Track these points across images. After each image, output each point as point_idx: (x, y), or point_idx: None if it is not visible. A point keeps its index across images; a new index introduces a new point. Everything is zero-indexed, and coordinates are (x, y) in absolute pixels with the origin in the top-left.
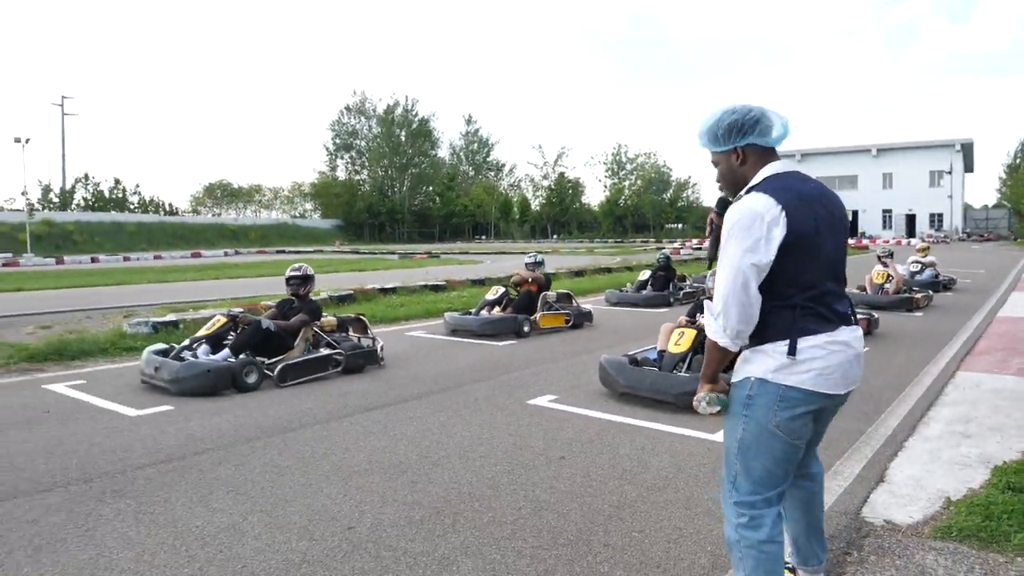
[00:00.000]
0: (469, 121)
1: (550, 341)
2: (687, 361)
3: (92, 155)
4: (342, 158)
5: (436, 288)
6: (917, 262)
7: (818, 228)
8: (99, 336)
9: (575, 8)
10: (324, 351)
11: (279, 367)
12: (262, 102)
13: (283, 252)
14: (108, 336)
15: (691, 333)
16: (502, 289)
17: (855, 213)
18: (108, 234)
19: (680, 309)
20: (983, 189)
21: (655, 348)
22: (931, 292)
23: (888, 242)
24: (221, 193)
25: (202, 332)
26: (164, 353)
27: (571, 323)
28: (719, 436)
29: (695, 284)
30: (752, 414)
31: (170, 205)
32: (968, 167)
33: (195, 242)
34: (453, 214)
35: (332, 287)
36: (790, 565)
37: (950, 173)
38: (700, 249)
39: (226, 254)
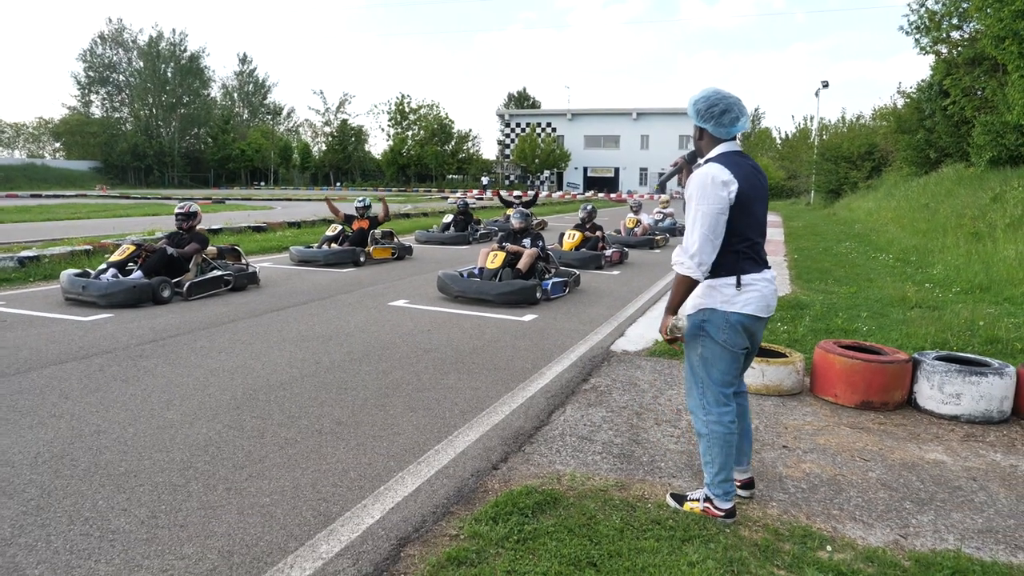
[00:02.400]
0: (244, 60)
1: (383, 268)
2: (498, 274)
3: None
4: (97, 93)
5: (258, 229)
6: (660, 212)
7: (753, 195)
8: None
9: None
10: (218, 272)
11: (186, 284)
12: None
13: (39, 196)
14: None
15: (501, 255)
16: (339, 227)
17: (617, 170)
18: None
19: (477, 246)
20: None
21: (472, 267)
22: (668, 236)
23: (641, 196)
24: None
25: (114, 258)
26: (84, 275)
27: (396, 255)
28: (525, 317)
29: (489, 226)
30: (708, 335)
31: None
32: None
33: None
34: (229, 159)
35: (143, 231)
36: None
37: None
38: (480, 199)
39: None
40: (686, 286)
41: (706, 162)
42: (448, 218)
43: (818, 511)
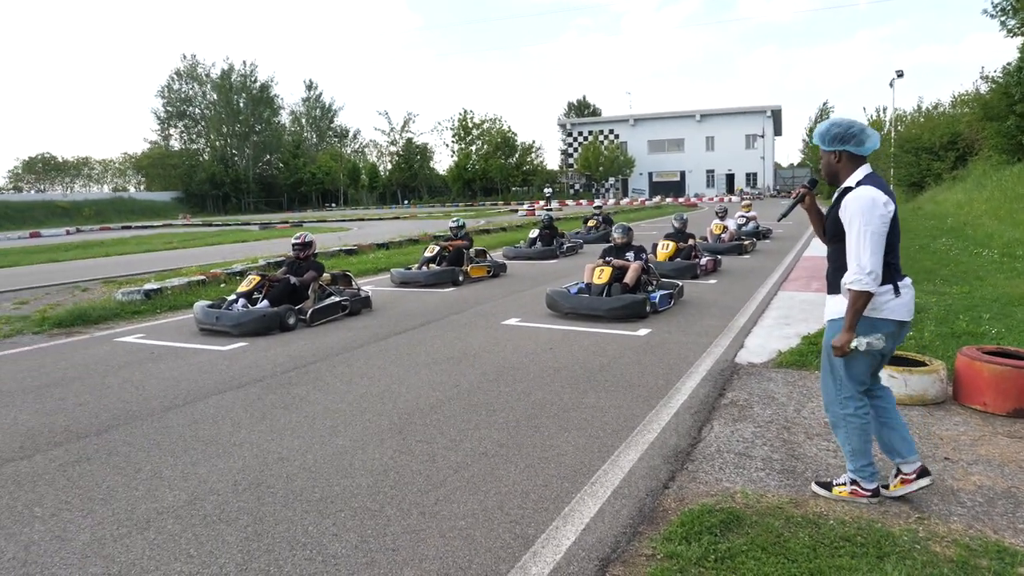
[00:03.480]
0: (310, 87)
1: (482, 287)
2: (604, 289)
3: None
4: (175, 126)
5: (350, 252)
6: (743, 216)
7: (896, 213)
8: (108, 303)
9: None
10: (335, 298)
11: (309, 312)
12: (78, 67)
13: (129, 227)
14: (112, 304)
15: (608, 270)
16: (436, 248)
17: (683, 174)
18: None
19: (565, 260)
20: (789, 150)
21: (578, 283)
22: (755, 240)
23: (723, 200)
24: (44, 167)
25: (242, 288)
26: (215, 306)
27: (492, 273)
28: (639, 332)
29: (573, 239)
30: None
31: None
32: (777, 131)
33: (21, 221)
34: (300, 182)
35: (242, 258)
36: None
37: (763, 136)
38: (550, 210)
39: (68, 232)
40: (864, 301)
41: (857, 184)
42: (534, 233)
43: (1004, 525)
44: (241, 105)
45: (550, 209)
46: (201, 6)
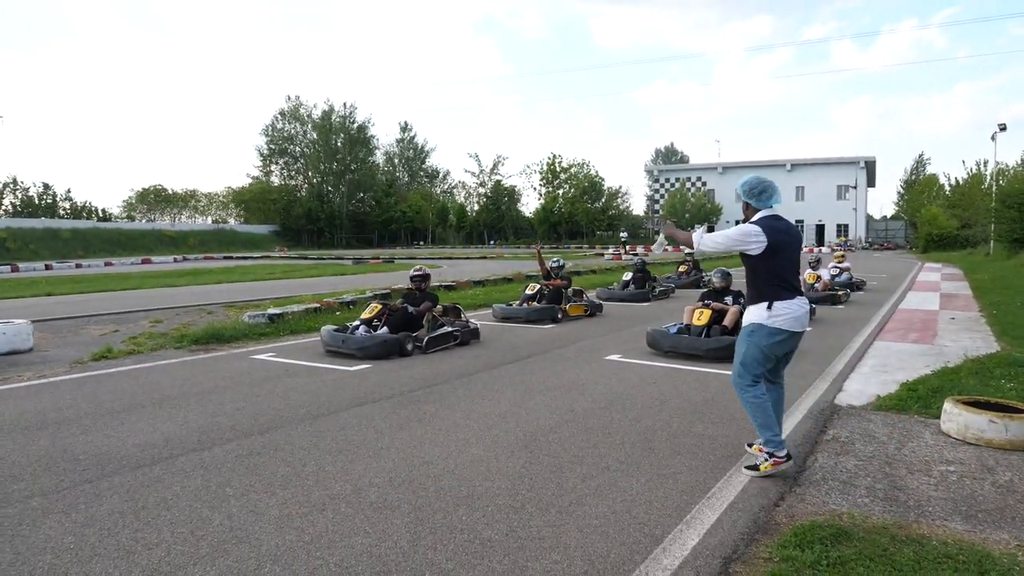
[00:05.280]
0: (405, 128)
1: (581, 324)
2: (703, 331)
3: (18, 159)
4: (276, 163)
5: (449, 288)
6: (835, 267)
7: (781, 244)
8: (237, 325)
9: (505, 22)
10: (448, 328)
11: (425, 339)
12: (191, 105)
13: (231, 258)
14: (241, 326)
15: (708, 312)
16: (537, 286)
17: (798, 224)
18: (42, 240)
19: (657, 303)
20: (882, 201)
21: (675, 324)
22: (849, 291)
23: (813, 250)
24: (155, 199)
25: (364, 315)
26: (341, 331)
27: (589, 312)
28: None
29: (665, 283)
30: (752, 340)
31: (103, 211)
32: (871, 182)
33: (133, 248)
34: (391, 220)
35: (349, 289)
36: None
37: (855, 188)
38: (635, 255)
39: (175, 260)
40: (684, 240)
41: (746, 221)
42: (627, 276)
43: None
44: (339, 144)
45: (636, 253)
46: (306, 50)
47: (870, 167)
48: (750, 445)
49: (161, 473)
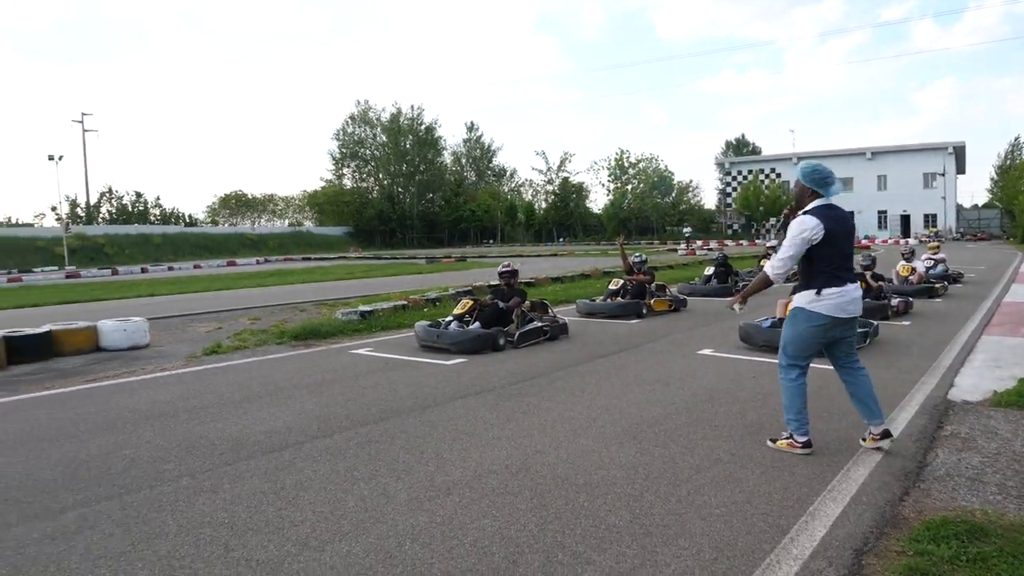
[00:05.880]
0: (471, 128)
1: (667, 320)
2: None
3: (112, 170)
4: (348, 166)
5: (528, 284)
6: (930, 258)
7: (836, 233)
8: (332, 321)
9: (563, 20)
10: (538, 324)
11: (517, 334)
12: (268, 113)
13: (308, 259)
14: (335, 322)
15: None
16: (621, 281)
17: (851, 214)
18: (136, 245)
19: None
20: (973, 189)
21: (768, 318)
22: (946, 283)
23: (901, 242)
24: (236, 203)
25: (457, 311)
26: (434, 326)
27: (673, 307)
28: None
29: (747, 278)
30: (793, 324)
31: (189, 216)
32: (960, 169)
33: (218, 251)
34: (460, 219)
35: (431, 287)
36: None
37: (943, 175)
38: (712, 250)
39: (258, 262)
40: (764, 282)
41: (804, 213)
42: (709, 270)
43: None
44: (408, 146)
45: (719, 248)
46: (373, 55)
47: (959, 153)
48: (774, 440)
49: (292, 458)
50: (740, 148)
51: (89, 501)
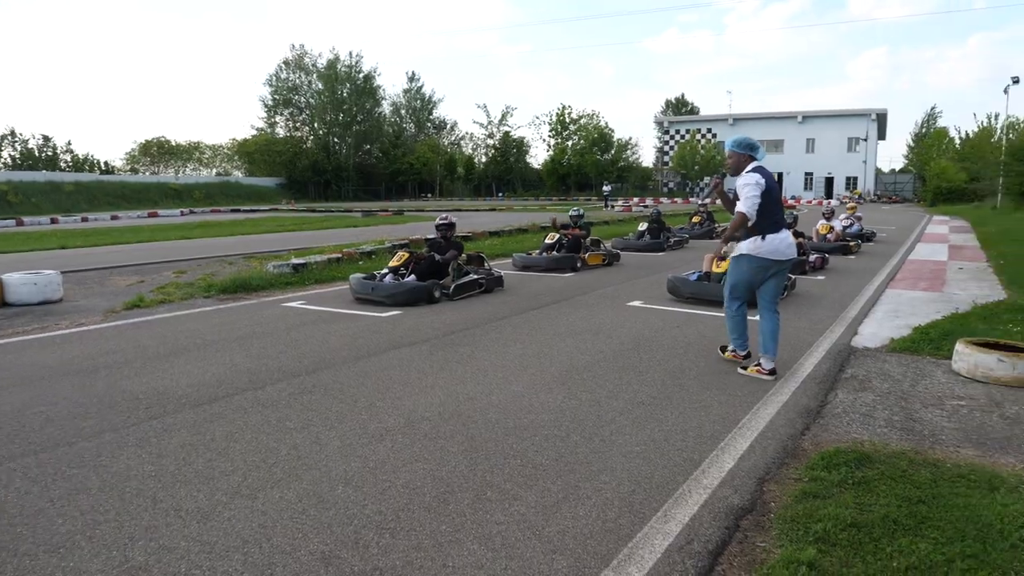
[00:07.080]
0: (412, 78)
1: (600, 273)
2: (722, 279)
3: (14, 110)
4: (281, 114)
5: (465, 238)
6: (848, 218)
7: (771, 187)
8: (262, 274)
9: None
10: (474, 276)
11: (452, 287)
12: (194, 55)
13: (238, 211)
14: (266, 275)
15: (726, 263)
16: (557, 235)
17: (780, 175)
18: (44, 194)
19: (672, 253)
20: (892, 154)
21: (694, 272)
22: (860, 242)
23: (823, 202)
24: (158, 151)
25: (392, 263)
26: (369, 279)
27: (607, 262)
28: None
29: (679, 234)
30: (739, 266)
31: (105, 163)
32: (881, 135)
33: (137, 202)
34: (398, 172)
35: (367, 240)
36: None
37: (866, 140)
38: (646, 207)
39: (182, 213)
40: (741, 221)
41: (747, 172)
42: (643, 226)
43: None
44: (345, 95)
45: (654, 205)
46: None
47: (881, 120)
48: (723, 350)
49: (221, 410)
50: (679, 108)
51: (1, 459)
